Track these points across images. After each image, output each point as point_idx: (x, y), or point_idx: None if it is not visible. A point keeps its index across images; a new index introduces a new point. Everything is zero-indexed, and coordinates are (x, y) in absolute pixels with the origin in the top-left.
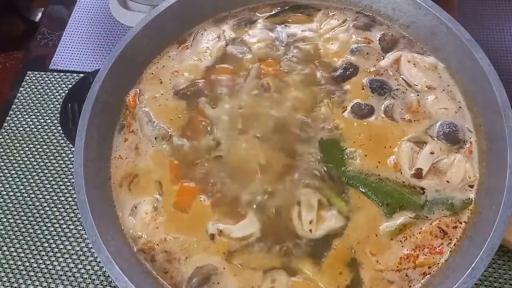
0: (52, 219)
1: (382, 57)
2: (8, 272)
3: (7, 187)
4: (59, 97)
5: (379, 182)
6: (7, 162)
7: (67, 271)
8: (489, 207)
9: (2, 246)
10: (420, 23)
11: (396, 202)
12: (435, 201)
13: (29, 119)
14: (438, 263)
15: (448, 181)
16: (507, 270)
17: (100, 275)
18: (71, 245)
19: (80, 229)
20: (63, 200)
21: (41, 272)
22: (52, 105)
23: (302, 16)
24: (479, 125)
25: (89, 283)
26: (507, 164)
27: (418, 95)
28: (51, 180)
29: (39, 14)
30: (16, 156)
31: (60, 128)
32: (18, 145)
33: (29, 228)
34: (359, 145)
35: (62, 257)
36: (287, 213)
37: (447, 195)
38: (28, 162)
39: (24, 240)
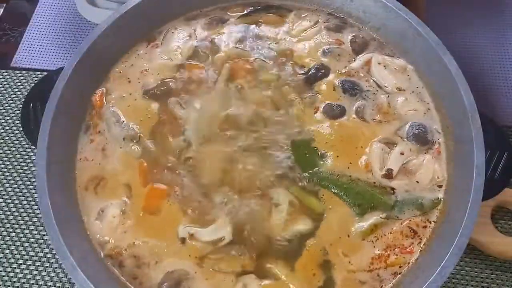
0: (13, 224)
1: (353, 59)
2: None
3: None
4: (20, 96)
5: (351, 183)
6: None
7: (30, 278)
8: (457, 207)
9: None
10: (390, 26)
11: (367, 203)
12: (405, 201)
13: None
14: (409, 263)
15: (417, 181)
16: (473, 267)
17: (65, 282)
18: (34, 251)
19: (44, 234)
20: (25, 204)
21: (1, 280)
22: (13, 105)
23: (274, 16)
24: (447, 126)
25: None
26: (474, 164)
27: (388, 96)
28: (12, 184)
29: (1, 10)
30: None
31: (21, 129)
32: None
33: None
34: (331, 146)
35: (25, 264)
36: (259, 215)
37: (416, 195)
38: None
39: None
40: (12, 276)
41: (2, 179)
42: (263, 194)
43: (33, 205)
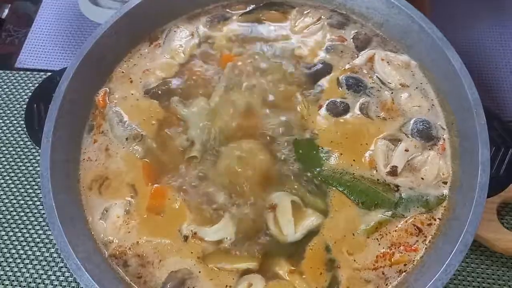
0: (19, 224)
1: (356, 55)
2: None
3: None
4: (25, 96)
5: (354, 180)
6: None
7: (36, 278)
8: (462, 204)
9: None
10: (393, 22)
11: (371, 200)
12: (410, 199)
13: None
14: (414, 260)
15: (422, 178)
16: (479, 264)
17: (71, 282)
18: (39, 251)
19: (49, 234)
20: (30, 204)
21: (8, 280)
22: (17, 105)
23: (277, 13)
24: (452, 122)
25: None
26: (479, 161)
27: (392, 93)
28: (17, 184)
29: (5, 11)
30: None
31: (25, 129)
32: None
33: None
34: (335, 144)
35: (31, 264)
36: (263, 215)
37: (421, 192)
38: None
39: None
40: (18, 276)
41: (7, 179)
42: (266, 194)
43: (38, 205)
